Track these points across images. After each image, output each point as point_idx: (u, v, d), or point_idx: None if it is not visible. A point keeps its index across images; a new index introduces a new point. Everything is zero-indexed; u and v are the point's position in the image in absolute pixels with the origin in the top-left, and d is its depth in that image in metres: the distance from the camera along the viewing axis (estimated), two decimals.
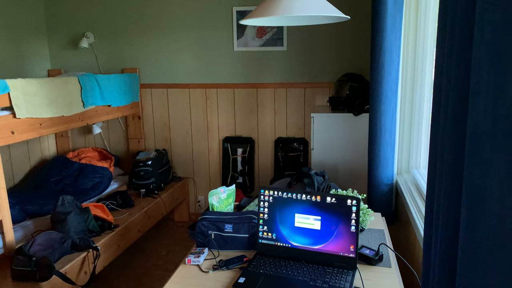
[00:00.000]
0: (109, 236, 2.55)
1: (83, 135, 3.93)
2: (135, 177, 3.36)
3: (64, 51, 3.81)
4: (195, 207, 3.90)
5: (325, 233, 1.54)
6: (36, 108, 2.48)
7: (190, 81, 3.67)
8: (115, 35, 3.70)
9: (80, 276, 2.25)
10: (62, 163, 3.44)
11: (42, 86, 2.54)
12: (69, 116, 2.78)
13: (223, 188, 1.90)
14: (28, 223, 2.63)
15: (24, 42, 3.55)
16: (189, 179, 3.85)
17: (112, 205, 2.96)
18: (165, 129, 3.80)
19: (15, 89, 2.33)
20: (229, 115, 3.67)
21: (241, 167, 3.71)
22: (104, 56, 3.75)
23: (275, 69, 3.52)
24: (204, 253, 1.63)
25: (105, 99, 3.17)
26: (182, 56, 3.63)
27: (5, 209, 2.21)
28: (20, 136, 2.39)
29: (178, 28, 3.59)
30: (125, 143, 3.90)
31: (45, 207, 2.76)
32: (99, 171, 3.31)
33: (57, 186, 3.23)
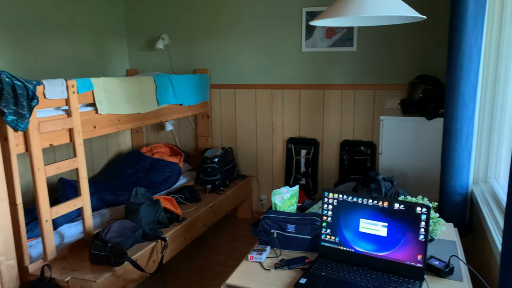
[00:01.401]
0: (177, 228, 2.68)
1: (156, 132, 4.16)
2: (202, 173, 3.49)
3: (141, 52, 4.05)
4: (258, 206, 3.95)
5: (392, 240, 1.49)
6: (116, 105, 2.67)
7: (257, 82, 3.73)
8: (188, 37, 3.87)
9: (149, 265, 2.38)
10: (136, 157, 3.67)
11: (121, 84, 2.73)
12: (144, 113, 2.96)
13: (287, 188, 1.91)
14: (104, 211, 2.84)
15: (106, 44, 3.84)
16: (252, 177, 3.91)
17: (181, 198, 3.10)
18: (231, 128, 3.89)
19: (98, 87, 2.53)
20: (294, 116, 3.67)
21: (305, 168, 3.70)
22: (177, 57, 3.94)
23: (343, 70, 3.46)
24: (266, 251, 1.65)
25: (177, 98, 3.33)
26: (250, 57, 3.70)
27: (86, 197, 2.42)
28: (101, 130, 2.59)
29: (247, 29, 3.66)
30: (194, 140, 4.06)
31: (120, 197, 2.97)
32: (169, 166, 3.49)
33: (131, 178, 3.45)
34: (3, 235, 1.97)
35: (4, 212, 1.97)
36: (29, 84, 2.05)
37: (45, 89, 2.15)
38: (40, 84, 2.13)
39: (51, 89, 2.19)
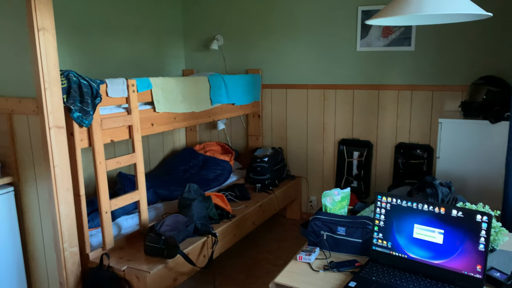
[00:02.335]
0: (227, 225, 2.73)
1: (209, 130, 4.26)
2: (252, 172, 3.53)
3: (197, 52, 4.17)
4: (307, 207, 3.93)
5: (448, 248, 1.42)
6: (172, 104, 2.78)
7: (309, 81, 3.71)
8: (241, 38, 3.93)
9: (199, 259, 2.45)
10: (190, 154, 3.79)
11: (178, 84, 2.83)
12: (198, 112, 3.05)
13: (338, 190, 1.88)
14: (159, 205, 2.96)
15: (164, 45, 3.99)
16: (302, 178, 3.89)
17: (231, 196, 3.16)
18: (282, 128, 3.90)
19: (156, 86, 2.64)
20: (347, 117, 3.60)
21: (357, 171, 3.62)
22: (231, 57, 4.01)
23: (400, 70, 3.34)
24: (316, 252, 1.64)
25: (230, 98, 3.39)
26: (303, 57, 3.68)
27: (143, 191, 2.53)
28: (158, 128, 2.70)
29: (300, 29, 3.65)
30: (245, 139, 4.11)
31: (174, 193, 3.08)
32: (221, 164, 3.56)
33: (185, 174, 3.57)
34: (68, 223, 2.12)
35: (69, 202, 2.12)
36: (93, 83, 2.19)
37: (107, 87, 2.28)
38: (103, 83, 2.26)
39: (113, 87, 2.32)
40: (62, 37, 3.01)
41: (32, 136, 2.10)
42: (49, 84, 1.97)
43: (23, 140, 2.15)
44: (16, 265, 2.23)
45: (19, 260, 2.25)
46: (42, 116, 1.98)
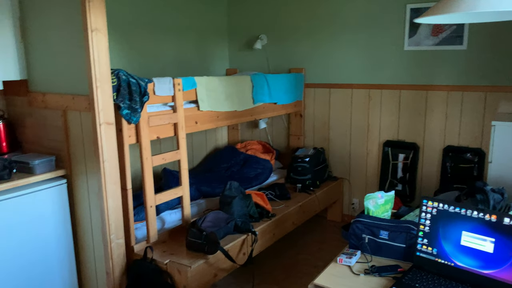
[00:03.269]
0: (266, 224, 2.74)
1: (251, 129, 4.29)
2: (293, 171, 3.51)
3: (241, 52, 4.21)
4: (349, 209, 3.86)
5: (499, 257, 1.34)
6: (216, 103, 2.82)
7: (353, 81, 3.64)
8: (285, 37, 3.92)
9: (239, 256, 2.48)
10: (231, 152, 3.84)
11: (221, 83, 2.87)
12: (240, 111, 3.08)
13: (381, 193, 1.83)
14: (201, 202, 3.02)
15: (209, 45, 4.06)
16: (344, 180, 3.82)
17: (271, 195, 3.16)
18: (324, 128, 3.85)
19: (201, 85, 2.69)
20: (393, 118, 3.50)
21: (402, 174, 3.50)
22: (274, 56, 4.02)
23: (450, 70, 3.20)
24: (357, 256, 1.61)
25: (272, 97, 3.40)
26: (347, 56, 3.62)
27: (186, 187, 2.60)
28: (202, 126, 2.75)
29: (345, 27, 3.59)
30: (286, 139, 4.10)
31: (215, 189, 3.13)
32: (261, 163, 3.58)
33: (226, 172, 3.62)
34: (115, 216, 2.21)
35: (116, 195, 2.21)
36: (141, 82, 2.27)
37: (155, 86, 2.36)
38: (151, 82, 2.34)
39: (160, 86, 2.39)
40: (113, 37, 3.14)
41: (84, 131, 2.21)
42: (100, 82, 2.07)
43: (75, 135, 2.27)
44: (67, 253, 2.36)
45: (70, 249, 2.37)
46: (93, 113, 2.09)
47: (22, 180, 2.13)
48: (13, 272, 2.12)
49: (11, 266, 2.11)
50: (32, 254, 2.19)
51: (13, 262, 2.12)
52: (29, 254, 2.18)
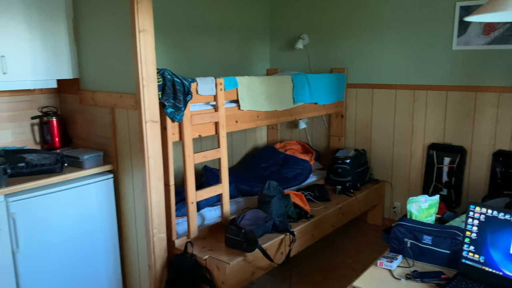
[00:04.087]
0: (305, 225, 2.73)
1: (290, 129, 4.29)
2: (332, 173, 3.47)
3: (282, 52, 4.22)
4: (390, 213, 3.76)
5: None
6: (256, 102, 2.84)
7: (397, 82, 3.54)
8: (327, 37, 3.88)
9: (277, 255, 2.48)
10: (270, 152, 3.85)
11: (262, 83, 2.89)
12: (280, 111, 3.08)
13: (425, 197, 1.78)
14: (240, 200, 3.05)
15: (250, 45, 4.09)
16: (386, 183, 3.73)
17: (310, 196, 3.14)
18: (366, 129, 3.78)
19: (242, 85, 2.73)
20: (439, 120, 3.37)
21: (447, 178, 3.37)
22: (315, 56, 3.99)
23: (502, 70, 3.04)
24: (398, 260, 1.57)
25: (313, 97, 3.37)
26: (391, 56, 3.53)
27: (225, 185, 2.64)
28: (242, 125, 2.78)
29: (389, 26, 3.50)
30: (326, 139, 4.06)
31: (254, 188, 3.15)
32: (300, 163, 3.57)
33: (265, 171, 3.63)
34: (157, 210, 2.29)
35: (159, 190, 2.29)
36: (185, 81, 2.33)
37: (198, 85, 2.42)
38: (194, 81, 2.40)
39: (202, 86, 2.45)
40: (158, 37, 3.25)
41: (131, 128, 2.30)
42: (146, 81, 2.15)
43: (122, 132, 2.36)
44: (112, 244, 2.47)
45: (114, 240, 2.48)
46: (139, 111, 2.17)
47: (72, 174, 2.25)
48: (62, 259, 2.24)
49: (61, 253, 2.24)
50: (79, 243, 2.31)
51: (63, 249, 2.24)
52: (77, 243, 2.30)
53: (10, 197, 2.02)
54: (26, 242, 2.09)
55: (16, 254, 2.06)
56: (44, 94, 2.67)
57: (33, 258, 2.12)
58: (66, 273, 2.26)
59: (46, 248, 2.17)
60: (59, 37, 2.42)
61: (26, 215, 2.08)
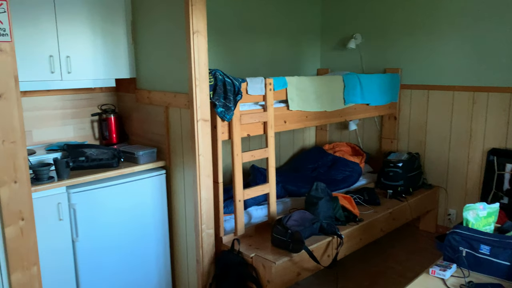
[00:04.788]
0: (353, 228, 2.67)
1: (340, 130, 4.21)
2: (383, 176, 3.37)
3: (333, 51, 4.15)
4: (444, 220, 3.58)
5: None
6: (305, 103, 2.83)
7: (455, 83, 3.37)
8: (381, 36, 3.77)
9: (323, 258, 2.46)
10: (319, 153, 3.81)
11: (312, 83, 2.87)
12: (330, 112, 3.04)
13: (483, 205, 1.68)
14: (286, 200, 3.05)
15: (300, 44, 4.07)
16: (440, 188, 3.56)
17: (359, 199, 3.07)
18: (420, 132, 3.63)
19: (291, 85, 2.72)
20: (501, 124, 3.16)
21: (509, 185, 3.16)
22: (368, 56, 3.89)
23: None
24: (451, 269, 1.50)
25: (364, 98, 3.29)
26: (449, 55, 3.36)
27: (272, 184, 2.65)
28: (290, 125, 2.78)
29: (447, 25, 3.33)
30: (378, 142, 3.95)
31: (301, 189, 3.14)
32: (350, 166, 3.50)
33: (313, 173, 3.60)
34: (206, 207, 2.34)
35: (208, 187, 2.34)
36: (236, 81, 2.37)
37: (248, 85, 2.45)
38: (244, 81, 2.43)
39: (252, 86, 2.47)
40: (210, 38, 3.31)
41: (183, 127, 2.37)
42: (199, 81, 2.21)
43: (175, 130, 2.44)
44: (163, 237, 2.56)
45: (165, 234, 2.57)
46: (191, 110, 2.23)
47: (128, 169, 2.36)
48: (116, 248, 2.36)
49: (116, 242, 2.36)
50: (133, 234, 2.42)
51: (117, 239, 2.36)
52: (130, 234, 2.41)
53: (71, 188, 2.16)
54: (84, 231, 2.22)
55: (75, 243, 2.20)
56: (104, 92, 2.83)
57: (91, 246, 2.25)
58: (119, 262, 2.38)
59: (102, 237, 2.29)
60: (118, 39, 2.55)
61: (85, 206, 2.21)
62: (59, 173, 2.13)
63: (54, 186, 2.08)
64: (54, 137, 2.63)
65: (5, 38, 1.39)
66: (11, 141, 1.44)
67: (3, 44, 1.39)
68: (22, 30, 2.15)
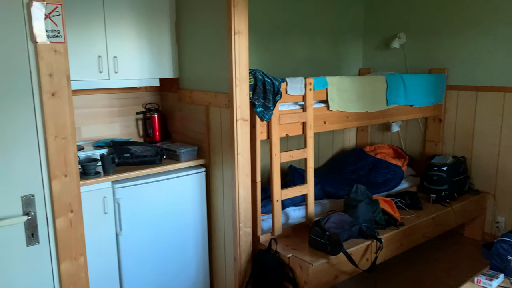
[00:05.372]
0: (394, 232, 2.60)
1: (381, 132, 4.11)
2: (427, 180, 3.26)
3: (376, 51, 4.06)
4: (492, 227, 3.41)
5: None
6: (346, 103, 2.79)
7: (507, 84, 3.20)
8: (426, 36, 3.65)
9: (361, 261, 2.41)
10: (359, 155, 3.74)
11: (353, 83, 2.82)
12: (372, 112, 2.98)
13: None
14: (325, 202, 3.02)
15: (342, 44, 4.01)
16: (488, 194, 3.39)
17: (400, 203, 2.99)
18: (467, 135, 3.47)
19: (332, 85, 2.69)
20: None
21: None
22: (412, 56, 3.77)
23: None
24: (499, 279, 1.42)
25: (408, 99, 3.20)
26: (500, 55, 3.19)
27: (311, 185, 2.63)
28: (330, 126, 2.75)
29: (498, 22, 3.17)
30: (421, 144, 3.82)
31: (340, 191, 3.09)
32: (391, 168, 3.41)
33: (352, 175, 3.54)
34: (244, 205, 2.37)
35: (246, 186, 2.36)
36: (275, 81, 2.38)
37: (287, 85, 2.45)
38: (284, 81, 2.43)
39: (292, 85, 2.47)
40: (250, 38, 3.34)
41: (223, 126, 2.41)
42: (239, 81, 2.23)
43: (215, 129, 2.49)
44: (202, 233, 2.61)
45: (204, 230, 2.62)
46: (231, 109, 2.26)
47: (170, 166, 2.43)
48: (157, 242, 2.44)
49: (157, 236, 2.43)
50: (173, 229, 2.48)
51: (158, 233, 2.43)
52: (171, 229, 2.47)
53: (116, 184, 2.25)
54: (127, 225, 2.31)
55: (119, 236, 2.29)
56: (148, 92, 2.92)
57: (133, 240, 2.34)
58: (159, 256, 2.45)
59: (144, 231, 2.37)
60: (163, 40, 2.63)
61: (129, 201, 2.30)
62: (105, 168, 2.23)
63: (100, 181, 2.18)
64: (101, 134, 2.76)
65: (59, 40, 1.47)
66: (62, 137, 1.52)
67: (57, 46, 1.47)
68: (74, 32, 2.27)
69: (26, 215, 1.49)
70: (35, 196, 1.50)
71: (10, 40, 1.40)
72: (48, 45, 1.45)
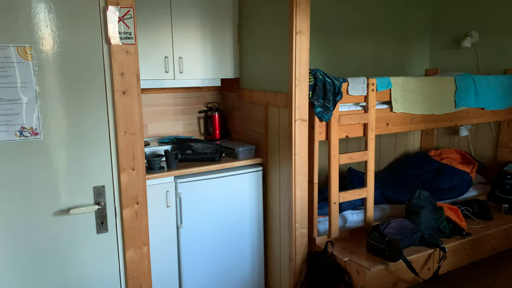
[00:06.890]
0: (459, 242, 2.46)
1: (448, 136, 3.89)
2: (498, 189, 3.04)
3: (444, 50, 3.85)
4: None
5: None
6: (410, 105, 2.67)
7: None
8: (502, 33, 3.39)
9: (423, 270, 2.30)
10: (423, 159, 3.57)
11: (419, 84, 2.70)
12: (438, 115, 2.83)
13: None
14: (385, 207, 2.92)
15: (408, 44, 3.84)
16: None
17: (467, 212, 2.82)
18: None
19: (396, 86, 2.59)
20: None
21: None
22: (486, 56, 3.53)
23: None
24: None
25: (479, 101, 3.00)
26: None
27: (371, 189, 2.56)
28: (393, 128, 2.65)
29: None
30: (493, 150, 3.56)
31: (402, 197, 2.97)
32: (458, 174, 3.21)
33: (415, 180, 3.39)
34: (301, 206, 2.36)
35: (303, 187, 2.35)
36: (336, 81, 2.34)
37: (348, 86, 2.40)
38: (345, 81, 2.39)
39: (353, 86, 2.42)
40: (312, 37, 3.32)
41: (281, 126, 2.42)
42: (299, 81, 2.23)
43: (273, 129, 2.50)
44: (258, 231, 2.64)
45: (260, 228, 2.65)
46: (290, 109, 2.26)
47: (228, 163, 2.49)
48: (215, 237, 2.51)
49: (215, 231, 2.50)
50: (231, 225, 2.54)
51: (217, 228, 2.50)
52: (229, 225, 2.53)
53: (179, 178, 2.35)
54: (188, 219, 2.40)
55: (179, 229, 2.39)
56: (210, 91, 3.01)
57: (192, 233, 2.42)
58: (217, 250, 2.52)
59: (203, 226, 2.45)
60: (225, 41, 2.70)
61: (190, 196, 2.38)
62: (169, 164, 2.33)
63: (164, 176, 2.28)
64: (166, 131, 2.89)
65: (131, 41, 1.57)
66: (131, 133, 1.62)
67: (129, 47, 1.57)
68: (143, 34, 2.40)
69: (97, 204, 1.61)
70: (105, 187, 1.62)
71: (88, 42, 1.52)
72: (120, 46, 1.56)
